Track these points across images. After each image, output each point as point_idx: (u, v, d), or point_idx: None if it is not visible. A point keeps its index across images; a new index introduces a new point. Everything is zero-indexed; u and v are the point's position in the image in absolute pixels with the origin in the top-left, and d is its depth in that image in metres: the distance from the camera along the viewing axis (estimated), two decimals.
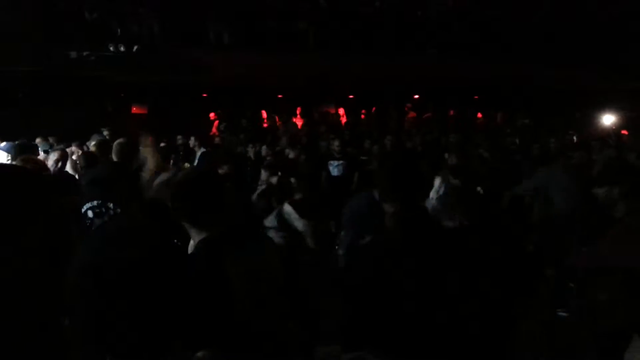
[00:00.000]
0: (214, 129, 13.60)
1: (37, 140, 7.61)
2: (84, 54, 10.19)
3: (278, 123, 14.20)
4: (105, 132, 8.73)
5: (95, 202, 3.57)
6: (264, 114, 14.75)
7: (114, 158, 4.61)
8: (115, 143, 4.70)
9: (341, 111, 15.23)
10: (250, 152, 8.91)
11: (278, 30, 11.58)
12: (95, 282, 0.99)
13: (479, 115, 15.37)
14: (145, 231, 1.04)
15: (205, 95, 14.69)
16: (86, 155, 5.14)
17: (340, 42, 11.62)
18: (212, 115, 14.32)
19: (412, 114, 14.91)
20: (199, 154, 8.66)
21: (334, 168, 7.39)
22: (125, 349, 1.02)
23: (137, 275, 1.00)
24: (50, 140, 8.09)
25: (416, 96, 15.35)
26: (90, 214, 3.55)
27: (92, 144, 6.37)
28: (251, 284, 1.91)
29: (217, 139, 11.47)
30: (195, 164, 8.00)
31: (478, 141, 9.88)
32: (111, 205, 3.57)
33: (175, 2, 11.14)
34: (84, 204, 3.62)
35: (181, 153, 9.30)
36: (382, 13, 12.19)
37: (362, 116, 15.46)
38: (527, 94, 13.94)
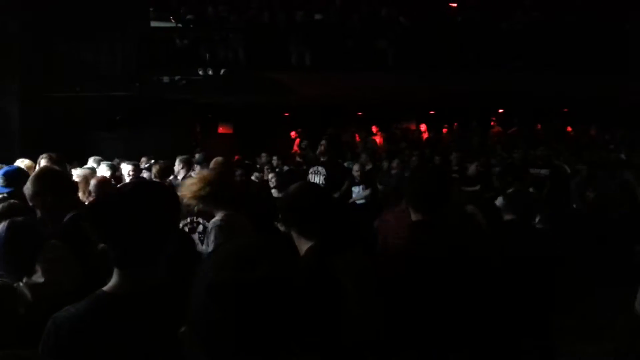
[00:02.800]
0: (295, 147, 13.90)
1: (142, 160, 8.13)
2: (176, 78, 10.83)
3: (357, 140, 14.26)
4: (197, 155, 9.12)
5: (188, 219, 3.75)
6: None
7: None
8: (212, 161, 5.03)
9: (423, 127, 15.06)
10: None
11: (358, 49, 11.74)
12: (225, 301, 0.93)
13: (569, 129, 14.62)
14: (273, 248, 1.03)
15: (287, 114, 15.07)
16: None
17: (421, 59, 11.57)
18: (293, 133, 14.64)
19: (496, 129, 14.46)
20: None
21: None
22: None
23: (272, 294, 0.96)
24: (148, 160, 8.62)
25: (500, 110, 14.89)
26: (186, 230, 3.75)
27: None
28: (358, 288, 2.07)
29: (298, 157, 11.70)
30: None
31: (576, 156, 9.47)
32: (201, 220, 3.74)
33: (259, 28, 11.60)
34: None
35: (267, 169, 9.56)
36: (464, 27, 12.02)
37: (445, 131, 15.20)
38: (619, 105, 13.12)
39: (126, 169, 6.28)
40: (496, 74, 11.49)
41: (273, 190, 6.98)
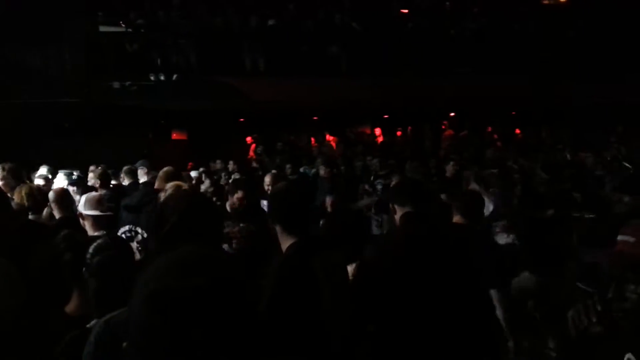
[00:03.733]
0: (251, 153, 13.85)
1: (91, 168, 7.89)
2: (126, 84, 10.62)
3: (313, 145, 14.34)
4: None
5: (127, 227, 3.72)
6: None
7: (156, 185, 4.81)
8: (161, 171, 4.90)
9: (377, 131, 15.27)
10: (289, 171, 9.09)
11: (311, 54, 11.83)
12: (160, 310, 0.91)
13: (517, 131, 15.14)
14: (214, 256, 1.02)
15: (241, 120, 14.99)
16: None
17: (373, 64, 11.75)
18: (248, 139, 14.59)
19: (448, 132, 14.81)
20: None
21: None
22: None
23: (209, 304, 0.95)
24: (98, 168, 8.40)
25: (452, 114, 15.26)
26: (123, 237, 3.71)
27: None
28: (334, 286, 2.20)
29: (254, 163, 11.67)
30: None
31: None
32: (139, 229, 3.71)
33: (212, 33, 11.52)
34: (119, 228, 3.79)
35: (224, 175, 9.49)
36: (415, 33, 12.29)
37: (399, 134, 15.45)
38: (567, 109, 13.69)
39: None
40: (447, 79, 11.79)
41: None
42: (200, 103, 11.94)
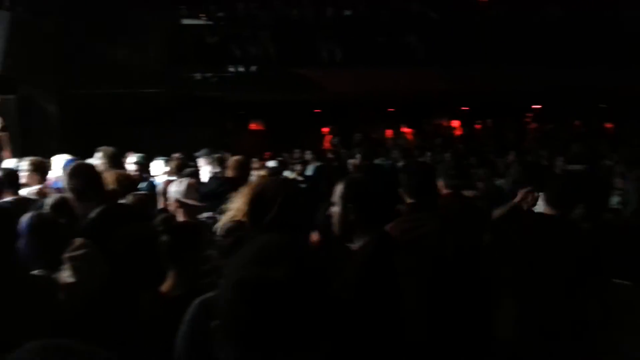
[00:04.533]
0: (326, 144, 13.88)
1: (173, 157, 8.18)
2: (207, 75, 10.92)
3: (389, 136, 14.14)
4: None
5: (207, 214, 3.75)
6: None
7: (230, 173, 4.91)
8: (232, 159, 5.00)
9: (455, 123, 14.82)
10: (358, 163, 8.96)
11: (387, 45, 11.62)
12: (248, 298, 0.94)
13: (608, 125, 14.18)
14: (295, 248, 1.03)
15: (318, 111, 15.04)
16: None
17: (451, 54, 11.38)
18: (324, 130, 14.62)
19: (533, 125, 14.12)
20: (312, 166, 8.89)
21: None
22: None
23: (292, 294, 0.95)
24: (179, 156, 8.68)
25: (536, 106, 14.53)
26: None
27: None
28: (415, 283, 2.11)
29: (329, 153, 11.66)
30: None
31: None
32: (217, 217, 3.72)
33: (290, 25, 11.59)
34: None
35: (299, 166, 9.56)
36: (496, 21, 11.76)
37: (478, 127, 14.93)
38: None
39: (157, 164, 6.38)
40: (531, 69, 11.20)
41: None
42: (278, 94, 12.08)
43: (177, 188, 3.61)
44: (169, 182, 4.46)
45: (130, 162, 6.69)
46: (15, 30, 8.36)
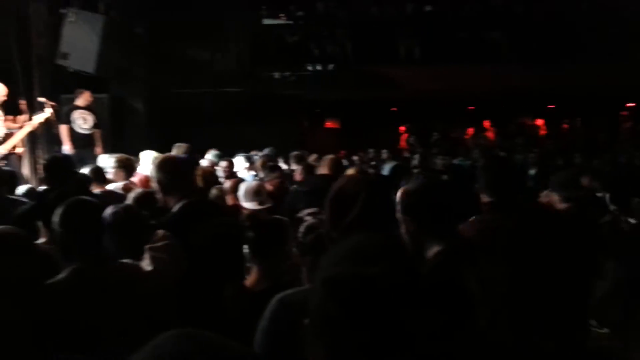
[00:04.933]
0: (402, 142, 13.69)
1: (252, 153, 8.42)
2: (286, 74, 11.09)
3: (469, 135, 13.73)
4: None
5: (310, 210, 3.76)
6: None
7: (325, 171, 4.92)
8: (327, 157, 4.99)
9: (540, 122, 14.14)
10: (439, 164, 8.72)
11: (469, 41, 11.28)
12: (339, 297, 0.91)
13: None
14: (387, 247, 0.99)
15: (394, 109, 14.87)
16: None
17: (537, 49, 10.85)
18: (402, 128, 14.44)
19: (627, 124, 13.20)
20: (388, 166, 8.77)
21: None
22: None
23: (389, 293, 0.91)
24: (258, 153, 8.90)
25: (631, 104, 13.57)
26: None
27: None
28: (487, 297, 1.93)
29: (406, 152, 11.49)
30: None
31: None
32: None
33: (368, 22, 11.53)
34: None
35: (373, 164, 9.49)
36: (585, 15, 11.09)
37: (565, 127, 14.16)
38: None
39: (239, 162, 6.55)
40: (624, 65, 10.45)
41: None
42: (354, 92, 12.06)
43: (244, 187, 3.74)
44: (238, 180, 4.53)
45: (209, 159, 6.93)
46: (108, 33, 8.86)
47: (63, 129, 7.91)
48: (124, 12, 9.49)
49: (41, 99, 7.55)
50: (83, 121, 8.10)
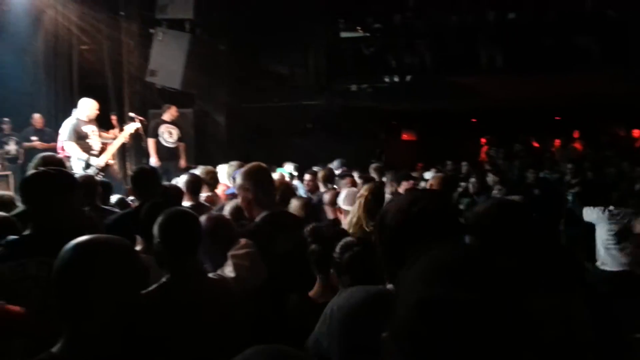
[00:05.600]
0: (482, 155, 13.24)
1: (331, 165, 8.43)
2: (362, 86, 11.07)
3: (555, 147, 13.06)
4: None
5: None
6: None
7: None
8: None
9: (636, 133, 13.18)
10: (531, 177, 8.35)
11: (555, 47, 10.76)
12: (433, 320, 0.85)
13: None
14: (487, 263, 0.91)
15: (474, 120, 14.44)
16: None
17: (631, 55, 10.17)
18: (483, 140, 14.00)
19: None
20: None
21: None
22: None
23: (484, 323, 0.84)
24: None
25: None
26: None
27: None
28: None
29: (487, 165, 11.09)
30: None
31: None
32: None
33: (447, 32, 11.30)
34: None
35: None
36: None
37: None
38: None
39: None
40: None
41: None
42: (432, 103, 11.83)
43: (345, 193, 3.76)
44: (336, 192, 4.51)
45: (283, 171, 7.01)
46: (193, 51, 9.23)
47: (150, 142, 8.28)
48: (208, 30, 9.87)
49: (131, 114, 7.96)
50: (169, 135, 8.44)
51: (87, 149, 6.86)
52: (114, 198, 5.11)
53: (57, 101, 10.65)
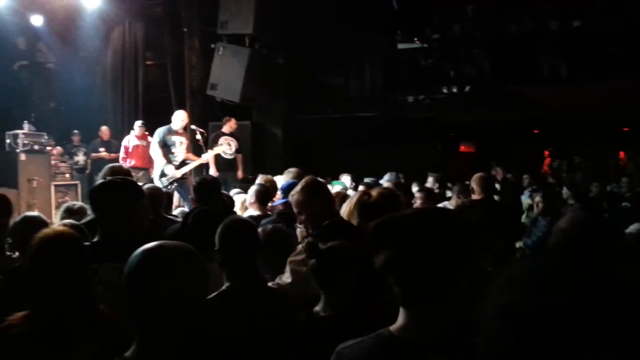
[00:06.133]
0: (544, 167, 12.81)
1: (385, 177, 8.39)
2: (420, 97, 10.96)
3: (622, 160, 12.46)
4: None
5: None
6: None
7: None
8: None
9: None
10: (595, 190, 7.98)
11: (622, 55, 10.29)
12: (516, 329, 0.86)
13: None
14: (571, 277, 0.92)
15: (536, 131, 14.01)
16: None
17: None
18: (546, 152, 13.55)
19: None
20: (527, 192, 8.25)
21: None
22: None
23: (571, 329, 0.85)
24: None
25: None
26: None
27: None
28: None
29: (549, 178, 10.72)
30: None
31: None
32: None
33: (508, 41, 11.03)
34: None
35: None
36: None
37: None
38: None
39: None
40: None
41: None
42: (491, 114, 11.58)
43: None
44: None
45: (346, 182, 7.02)
46: (252, 64, 9.44)
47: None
48: (266, 44, 10.07)
49: (192, 126, 8.21)
50: (228, 146, 8.64)
51: (169, 157, 7.17)
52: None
53: (123, 114, 11.17)
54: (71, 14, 9.97)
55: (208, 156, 7.79)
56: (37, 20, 10.16)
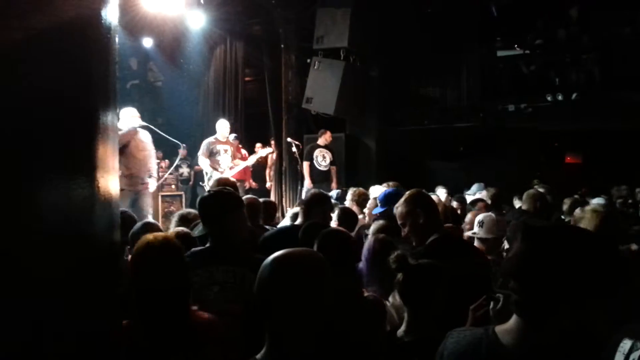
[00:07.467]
0: None
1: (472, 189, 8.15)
2: (521, 106, 10.48)
3: None
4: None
5: None
6: None
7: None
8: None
9: None
10: None
11: None
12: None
13: None
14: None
15: None
16: None
17: None
18: None
19: None
20: None
21: None
22: None
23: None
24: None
25: None
26: None
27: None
28: None
29: None
30: None
31: None
32: None
33: (620, 44, 10.27)
34: None
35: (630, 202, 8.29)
36: None
37: None
38: None
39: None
40: None
41: None
42: (601, 123, 10.78)
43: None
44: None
45: (441, 195, 6.84)
46: (347, 77, 9.52)
47: (305, 166, 8.68)
48: (360, 57, 10.12)
49: (289, 139, 8.43)
50: (322, 158, 8.77)
51: (215, 165, 7.75)
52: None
53: None
54: (178, 35, 10.63)
55: (252, 160, 8.44)
56: (147, 42, 10.94)
